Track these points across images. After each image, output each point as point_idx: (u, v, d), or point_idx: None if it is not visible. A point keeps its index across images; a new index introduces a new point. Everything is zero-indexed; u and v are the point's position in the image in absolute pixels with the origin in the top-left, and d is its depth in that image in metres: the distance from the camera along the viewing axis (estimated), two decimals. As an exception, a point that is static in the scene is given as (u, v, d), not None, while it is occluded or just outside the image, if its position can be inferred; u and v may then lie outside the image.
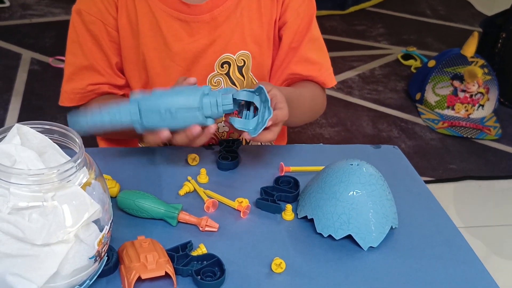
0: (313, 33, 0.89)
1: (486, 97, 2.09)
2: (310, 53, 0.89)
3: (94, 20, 0.82)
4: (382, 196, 0.67)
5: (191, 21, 0.83)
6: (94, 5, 0.82)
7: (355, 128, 1.97)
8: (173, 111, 0.68)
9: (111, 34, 0.83)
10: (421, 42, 2.66)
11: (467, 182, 1.77)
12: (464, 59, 2.08)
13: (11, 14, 2.49)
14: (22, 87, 1.96)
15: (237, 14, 0.84)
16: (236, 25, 0.84)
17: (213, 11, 0.83)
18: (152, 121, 0.69)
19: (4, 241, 0.50)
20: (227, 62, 0.86)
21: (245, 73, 0.88)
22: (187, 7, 0.82)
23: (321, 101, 0.94)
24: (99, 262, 0.56)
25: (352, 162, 0.68)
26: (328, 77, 0.91)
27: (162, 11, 0.82)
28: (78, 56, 0.84)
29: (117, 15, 0.83)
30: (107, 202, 0.56)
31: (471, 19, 2.96)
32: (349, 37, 2.62)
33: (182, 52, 0.84)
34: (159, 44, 0.84)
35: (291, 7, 0.86)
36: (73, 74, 0.85)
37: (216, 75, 0.87)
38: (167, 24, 0.83)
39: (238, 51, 0.86)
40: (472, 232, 1.54)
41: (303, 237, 0.68)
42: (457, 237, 0.71)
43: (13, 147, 0.52)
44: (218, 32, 0.84)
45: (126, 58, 0.86)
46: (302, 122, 1.00)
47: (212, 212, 0.70)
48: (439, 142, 1.95)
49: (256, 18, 0.86)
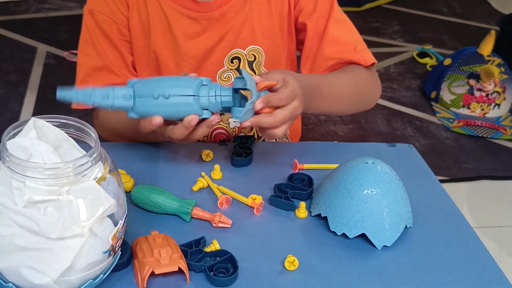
0: (337, 16, 0.86)
1: (502, 96, 2.07)
2: (339, 34, 0.85)
3: (106, 19, 0.82)
4: (396, 195, 0.67)
5: (200, 18, 0.83)
6: (105, 4, 0.82)
7: (369, 126, 1.95)
8: (166, 96, 0.64)
9: (124, 33, 0.83)
10: (437, 40, 2.63)
11: (481, 182, 1.76)
12: (480, 57, 2.06)
13: (26, 8, 2.51)
14: (37, 81, 1.98)
15: (246, 9, 0.84)
16: (245, 20, 0.84)
17: (222, 7, 0.83)
18: (145, 106, 0.65)
19: (19, 234, 0.51)
20: (237, 57, 0.86)
21: (256, 68, 0.87)
22: (196, 4, 0.82)
23: (369, 84, 0.87)
24: (113, 256, 0.56)
25: (367, 161, 0.68)
26: (366, 55, 0.86)
27: (172, 9, 0.82)
28: (93, 56, 0.83)
29: (128, 13, 0.83)
30: (121, 196, 0.56)
31: (488, 17, 2.92)
32: (364, 34, 2.57)
33: (193, 50, 0.84)
34: (170, 43, 0.84)
35: None
36: (87, 76, 0.84)
37: (226, 71, 0.86)
38: (177, 22, 0.83)
39: (248, 46, 0.85)
40: (486, 232, 1.52)
41: (317, 235, 0.68)
42: (471, 237, 0.70)
43: (29, 140, 0.52)
44: (227, 28, 0.84)
45: (136, 57, 0.86)
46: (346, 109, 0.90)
47: (226, 209, 0.70)
48: (454, 141, 1.94)
49: (265, 11, 0.85)
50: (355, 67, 0.85)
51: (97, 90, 0.65)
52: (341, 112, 0.96)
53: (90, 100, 0.65)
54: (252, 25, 0.84)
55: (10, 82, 1.97)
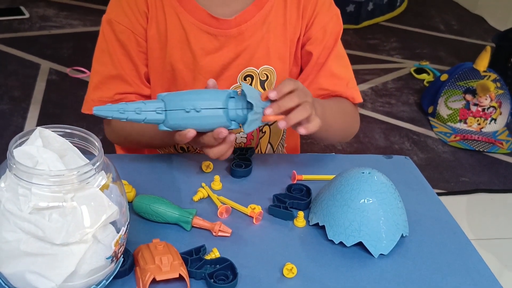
0: (339, 50, 0.91)
1: (498, 111, 2.09)
2: (337, 68, 0.90)
3: (124, 29, 0.83)
4: (393, 204, 0.68)
5: (219, 34, 0.84)
6: (124, 15, 0.83)
7: (368, 140, 1.97)
8: (198, 109, 0.68)
9: (140, 44, 0.85)
10: (434, 56, 2.66)
11: (479, 195, 1.77)
12: (476, 73, 2.09)
13: (30, 25, 2.54)
14: (40, 96, 2.00)
15: (263, 30, 0.86)
16: (262, 40, 0.86)
17: (240, 25, 0.84)
18: (177, 119, 0.68)
19: (24, 240, 0.52)
20: (250, 75, 0.88)
21: (267, 87, 0.89)
22: (216, 21, 0.84)
23: (353, 118, 0.93)
24: (115, 262, 0.57)
25: (363, 171, 0.69)
26: (355, 93, 0.92)
27: (191, 24, 0.84)
28: (107, 65, 0.85)
29: (146, 25, 0.84)
30: (124, 205, 0.57)
31: (484, 34, 2.96)
32: (362, 51, 2.63)
33: (209, 65, 0.85)
34: (187, 57, 0.85)
35: (317, 23, 0.88)
36: (100, 83, 0.85)
37: (238, 87, 0.88)
38: (195, 37, 0.84)
39: (262, 65, 0.87)
40: (484, 244, 1.53)
41: (315, 244, 0.69)
42: (467, 247, 0.71)
43: (35, 148, 0.53)
44: (244, 46, 0.85)
45: (152, 68, 0.87)
46: (334, 136, 0.94)
47: (225, 218, 0.72)
48: (451, 155, 1.95)
49: (281, 34, 0.87)
50: (344, 100, 0.91)
51: (129, 105, 0.68)
52: (331, 138, 0.99)
53: (124, 116, 0.68)
54: (268, 45, 0.86)
55: (14, 97, 1.99)
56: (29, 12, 2.64)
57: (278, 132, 0.95)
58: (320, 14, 0.87)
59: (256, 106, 0.68)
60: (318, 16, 0.87)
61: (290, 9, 0.87)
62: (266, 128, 0.94)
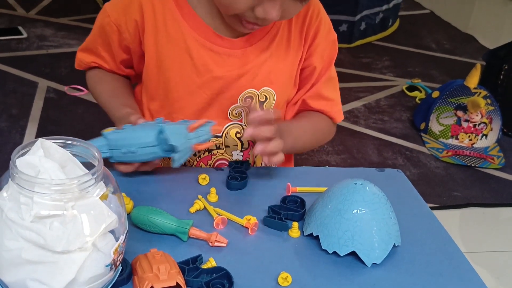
0: (331, 73, 0.94)
1: (489, 127, 2.12)
2: (325, 90, 0.94)
3: (111, 24, 0.87)
4: (385, 215, 0.70)
5: (222, 53, 0.85)
6: (116, 12, 0.86)
7: (361, 156, 1.99)
8: (133, 151, 0.76)
9: (122, 42, 0.88)
10: (426, 74, 2.70)
11: (471, 209, 1.79)
12: (467, 90, 2.12)
13: (28, 45, 2.56)
14: (38, 114, 2.02)
15: (267, 53, 0.87)
16: (265, 63, 0.87)
17: (245, 48, 0.86)
18: (119, 157, 0.78)
19: (26, 248, 0.53)
20: (250, 96, 0.89)
21: (266, 108, 0.91)
22: (220, 39, 0.85)
23: (325, 134, 0.99)
24: (114, 270, 0.58)
25: (356, 182, 0.71)
26: (337, 113, 0.97)
27: (194, 40, 0.85)
28: (94, 37, 0.91)
29: (133, 32, 0.87)
30: (123, 215, 0.58)
31: (475, 53, 3.00)
32: (355, 69, 2.67)
33: (211, 82, 0.86)
34: (186, 71, 0.86)
35: (318, 52, 0.91)
36: (86, 47, 0.93)
37: (238, 107, 0.89)
38: (198, 53, 0.85)
39: (262, 87, 0.89)
40: (476, 257, 1.54)
41: (309, 253, 0.70)
42: (459, 258, 0.72)
43: (37, 158, 0.55)
44: (247, 68, 0.87)
45: (149, 75, 0.89)
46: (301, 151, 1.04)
47: (221, 229, 0.73)
48: (443, 170, 1.98)
49: (283, 58, 0.89)
50: (321, 118, 0.96)
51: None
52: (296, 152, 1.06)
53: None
54: (270, 68, 0.88)
55: (12, 115, 2.01)
56: (27, 32, 2.66)
57: None
58: (321, 43, 0.91)
59: (181, 144, 0.75)
60: (319, 45, 0.90)
61: (294, 32, 0.89)
62: None
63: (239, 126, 0.91)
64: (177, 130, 0.76)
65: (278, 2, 0.75)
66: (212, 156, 0.92)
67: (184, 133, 0.76)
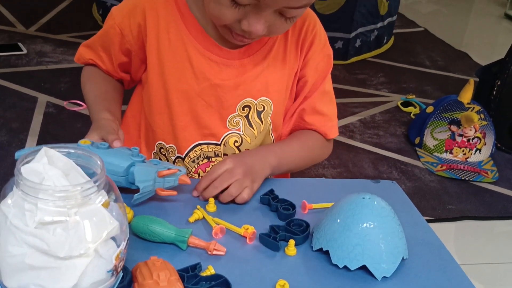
0: (326, 87, 0.96)
1: (483, 142, 2.14)
2: (320, 104, 0.95)
3: (115, 26, 0.89)
4: (393, 228, 0.70)
5: (220, 62, 0.88)
6: (121, 16, 0.89)
7: (357, 170, 2.01)
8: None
9: (123, 46, 0.91)
10: (420, 90, 2.73)
11: (465, 222, 1.81)
12: (461, 105, 2.15)
13: (28, 61, 2.59)
14: (38, 128, 2.04)
15: (264, 64, 0.90)
16: (261, 73, 0.90)
17: (243, 59, 0.89)
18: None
19: (29, 253, 0.54)
20: (248, 105, 0.91)
21: (264, 118, 0.93)
22: (219, 49, 0.88)
23: (316, 151, 0.99)
24: (115, 276, 0.59)
25: (364, 196, 0.71)
26: (331, 129, 0.98)
27: (195, 48, 0.88)
28: (98, 37, 0.94)
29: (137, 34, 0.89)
30: (124, 224, 0.59)
31: (469, 70, 3.04)
32: (351, 85, 2.70)
33: (209, 89, 0.89)
34: (186, 77, 0.89)
35: (311, 63, 0.93)
36: (88, 44, 0.96)
37: (236, 116, 0.91)
38: (198, 60, 0.88)
39: (259, 97, 0.91)
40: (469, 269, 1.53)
41: (307, 262, 0.71)
42: (453, 265, 0.74)
43: (41, 165, 0.56)
44: (244, 78, 0.89)
45: (149, 80, 0.91)
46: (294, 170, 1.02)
47: (220, 238, 0.74)
48: (438, 184, 2.00)
49: (280, 68, 0.91)
50: (312, 136, 0.97)
51: None
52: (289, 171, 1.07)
53: None
54: (267, 79, 0.90)
55: (12, 129, 2.02)
56: (27, 48, 2.69)
57: None
58: (315, 55, 0.93)
59: (145, 187, 0.76)
60: (312, 57, 0.93)
61: (290, 45, 0.91)
62: None
63: (238, 135, 0.93)
64: (146, 172, 0.76)
65: (262, 16, 0.77)
66: (210, 164, 0.94)
67: (153, 177, 0.76)
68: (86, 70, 0.99)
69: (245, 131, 0.93)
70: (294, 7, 0.76)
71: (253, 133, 0.94)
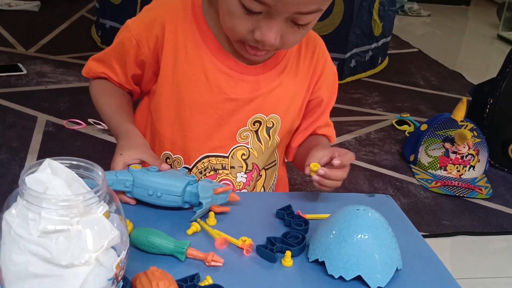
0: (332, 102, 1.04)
1: (476, 159, 2.17)
2: (328, 117, 1.03)
3: (132, 38, 0.91)
4: (387, 239, 0.72)
5: (236, 77, 0.91)
6: (138, 28, 0.91)
7: (352, 186, 2.03)
8: (159, 194, 0.79)
9: (138, 57, 0.92)
10: (415, 109, 2.77)
11: (459, 237, 1.82)
12: (454, 122, 2.18)
13: (27, 81, 2.62)
14: (37, 146, 2.05)
15: (277, 82, 0.93)
16: (274, 91, 0.93)
17: (258, 75, 0.92)
18: (140, 196, 0.81)
19: (32, 262, 0.55)
20: (259, 121, 0.94)
21: (272, 134, 0.96)
22: (236, 64, 0.90)
23: None
24: (116, 285, 0.60)
25: (358, 207, 0.73)
26: (334, 135, 1.06)
27: (211, 63, 0.90)
28: (111, 50, 0.95)
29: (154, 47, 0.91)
30: (125, 234, 0.60)
31: (462, 89, 3.08)
32: (346, 104, 2.73)
33: (223, 103, 0.91)
34: (201, 90, 0.91)
35: (325, 85, 0.99)
36: (99, 58, 0.97)
37: (246, 130, 0.94)
38: (214, 74, 0.90)
39: (270, 113, 0.94)
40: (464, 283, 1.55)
41: (304, 273, 0.72)
42: (446, 276, 0.75)
43: (45, 176, 0.57)
44: (258, 94, 0.92)
45: (161, 92, 0.93)
46: None
47: (224, 248, 0.75)
48: (433, 200, 2.01)
49: (291, 87, 0.95)
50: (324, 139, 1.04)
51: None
52: None
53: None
54: (279, 96, 0.94)
55: (12, 147, 2.04)
56: (27, 69, 2.72)
57: (271, 176, 1.03)
58: (327, 76, 0.98)
59: (206, 203, 0.79)
60: (325, 79, 0.98)
61: (302, 68, 0.95)
62: (262, 172, 1.00)
63: (246, 148, 0.95)
64: (207, 190, 0.80)
65: (274, 24, 0.79)
66: (217, 176, 0.96)
67: (211, 193, 0.80)
68: (97, 83, 1.00)
69: (253, 145, 0.96)
70: (304, 12, 0.78)
71: (261, 148, 0.96)
